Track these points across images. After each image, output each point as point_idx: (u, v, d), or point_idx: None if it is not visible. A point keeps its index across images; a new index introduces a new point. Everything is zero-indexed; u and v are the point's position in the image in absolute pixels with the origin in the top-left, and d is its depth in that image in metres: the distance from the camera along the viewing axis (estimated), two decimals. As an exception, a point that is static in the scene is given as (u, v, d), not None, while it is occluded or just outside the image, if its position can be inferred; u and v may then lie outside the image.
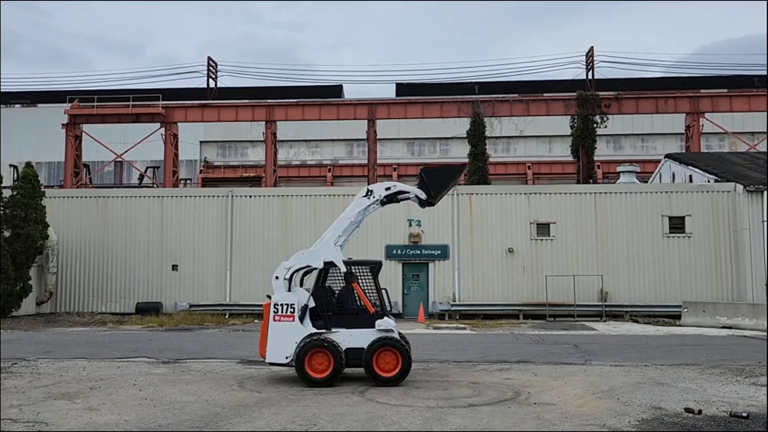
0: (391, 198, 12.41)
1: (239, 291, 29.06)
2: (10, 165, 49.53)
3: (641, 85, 51.77)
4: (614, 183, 35.37)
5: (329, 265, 11.91)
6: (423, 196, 12.34)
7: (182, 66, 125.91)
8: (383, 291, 12.09)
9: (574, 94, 40.51)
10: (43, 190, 28.41)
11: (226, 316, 27.90)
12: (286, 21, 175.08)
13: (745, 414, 8.88)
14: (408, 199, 12.55)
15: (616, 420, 8.73)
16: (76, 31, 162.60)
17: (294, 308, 11.61)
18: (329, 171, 52.19)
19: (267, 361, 11.74)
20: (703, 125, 39.04)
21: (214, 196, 30.42)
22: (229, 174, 52.47)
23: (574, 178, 43.01)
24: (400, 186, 12.51)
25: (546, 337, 20.52)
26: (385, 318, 11.63)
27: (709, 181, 29.52)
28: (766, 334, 20.92)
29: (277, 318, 11.62)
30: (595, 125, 39.59)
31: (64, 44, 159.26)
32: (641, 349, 17.07)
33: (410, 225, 29.01)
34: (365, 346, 11.40)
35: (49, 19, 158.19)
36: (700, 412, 9.11)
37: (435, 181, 12.36)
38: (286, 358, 11.49)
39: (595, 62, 52.52)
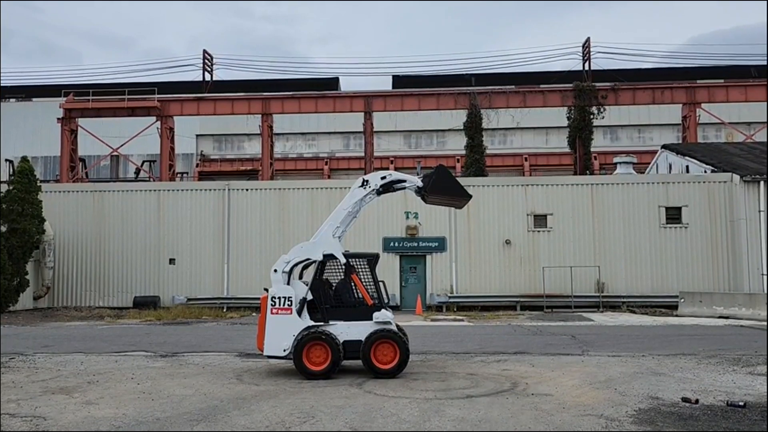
0: (387, 187, 12.26)
1: (237, 284, 29.08)
2: (6, 160, 49.32)
3: (638, 76, 51.60)
4: (611, 174, 35.36)
5: (328, 257, 11.89)
6: (420, 184, 12.15)
7: (176, 59, 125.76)
8: (381, 283, 12.08)
9: (571, 85, 40.40)
10: (39, 184, 28.35)
11: (224, 310, 27.95)
12: (276, 14, 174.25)
13: (741, 403, 8.91)
14: (404, 188, 12.41)
15: (613, 410, 8.75)
16: (67, 26, 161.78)
17: (291, 301, 11.60)
18: (326, 164, 52.07)
19: (265, 354, 11.73)
20: (699, 116, 38.98)
21: (210, 190, 30.38)
22: (225, 167, 52.30)
23: (571, 170, 43.00)
24: (395, 175, 12.37)
25: (543, 328, 20.57)
26: (383, 310, 11.62)
27: (705, 172, 29.55)
28: (765, 323, 21.00)
29: (274, 311, 11.61)
30: (591, 116, 39.50)
31: (54, 39, 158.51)
32: (638, 340, 17.12)
33: (407, 217, 29.02)
34: (363, 339, 11.39)
35: (40, 14, 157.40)
36: (697, 401, 9.14)
37: (440, 181, 11.99)
38: (284, 351, 11.48)
39: (591, 53, 52.44)
